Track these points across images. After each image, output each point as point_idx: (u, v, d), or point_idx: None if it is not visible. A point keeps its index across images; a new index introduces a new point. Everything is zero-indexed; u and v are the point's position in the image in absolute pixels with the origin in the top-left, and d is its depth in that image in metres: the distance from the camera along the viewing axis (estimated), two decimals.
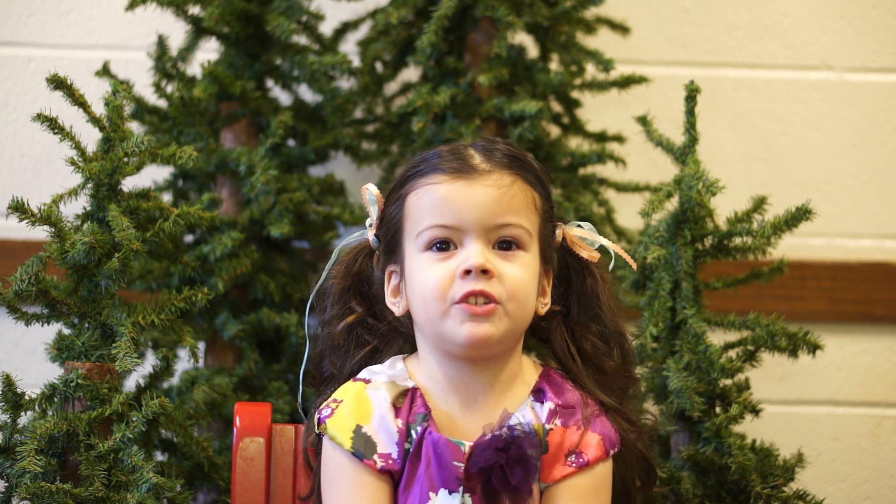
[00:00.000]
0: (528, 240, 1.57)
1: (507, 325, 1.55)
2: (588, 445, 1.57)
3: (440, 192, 1.57)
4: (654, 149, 2.04)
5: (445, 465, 1.55)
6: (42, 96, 2.43)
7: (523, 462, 1.54)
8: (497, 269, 1.54)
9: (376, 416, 1.58)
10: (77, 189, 1.86)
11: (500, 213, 1.55)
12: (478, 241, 1.55)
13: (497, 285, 1.54)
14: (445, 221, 1.56)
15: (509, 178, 1.57)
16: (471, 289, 1.53)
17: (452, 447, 1.56)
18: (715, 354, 1.90)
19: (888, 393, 2.51)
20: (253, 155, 2.22)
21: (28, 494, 1.72)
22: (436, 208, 1.57)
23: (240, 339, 2.22)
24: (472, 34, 2.30)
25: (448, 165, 1.58)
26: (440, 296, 1.54)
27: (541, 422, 1.58)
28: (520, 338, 1.61)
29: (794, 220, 1.92)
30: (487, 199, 1.56)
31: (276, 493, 1.72)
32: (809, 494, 1.92)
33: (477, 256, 1.53)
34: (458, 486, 1.54)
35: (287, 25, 2.22)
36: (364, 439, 1.58)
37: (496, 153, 1.60)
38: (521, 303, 1.55)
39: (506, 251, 1.56)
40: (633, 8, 2.51)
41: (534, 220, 1.59)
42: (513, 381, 1.61)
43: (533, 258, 1.58)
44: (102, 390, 1.80)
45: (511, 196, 1.56)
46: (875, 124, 2.54)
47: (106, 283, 1.82)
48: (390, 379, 1.61)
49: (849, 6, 2.55)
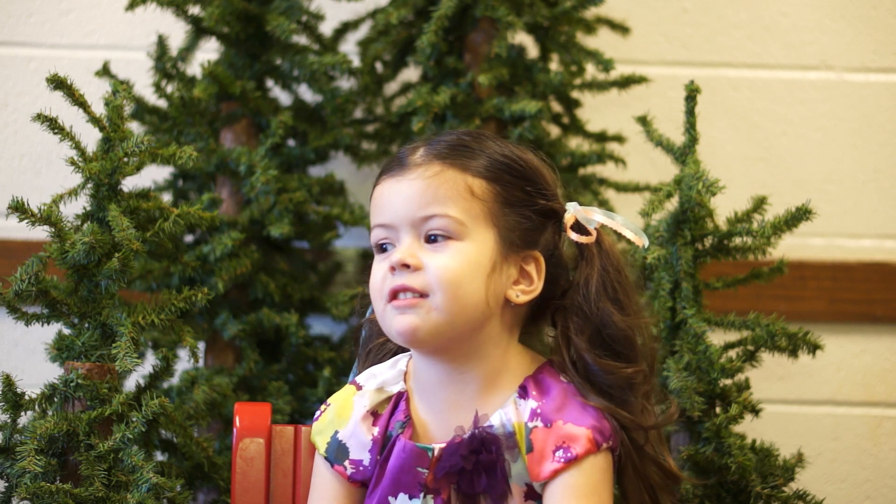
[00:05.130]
0: (459, 228, 1.53)
1: (438, 317, 1.52)
2: (575, 439, 1.53)
3: (377, 192, 1.58)
4: (654, 149, 2.04)
5: (408, 470, 1.55)
6: (42, 96, 2.43)
7: (491, 467, 1.52)
8: (422, 261, 1.53)
9: (352, 422, 1.60)
10: (77, 189, 1.86)
11: (423, 204, 1.54)
12: (407, 235, 1.54)
13: (420, 277, 1.52)
14: (381, 220, 1.57)
15: (437, 168, 1.55)
16: (394, 285, 1.53)
17: (419, 453, 1.55)
18: (715, 354, 1.90)
19: (888, 393, 2.51)
20: (253, 155, 2.22)
21: (28, 494, 1.73)
22: (375, 209, 1.58)
23: (240, 339, 2.22)
24: (472, 34, 2.30)
25: (391, 163, 1.59)
26: (379, 295, 1.55)
27: (522, 420, 1.54)
28: (475, 331, 1.55)
29: (794, 220, 1.92)
30: (411, 192, 1.54)
31: (276, 493, 1.72)
32: (809, 494, 1.92)
33: (398, 252, 1.53)
34: (419, 492, 1.55)
35: (287, 25, 2.22)
36: (337, 445, 1.60)
37: (440, 144, 1.58)
38: (452, 293, 1.52)
39: (435, 241, 1.54)
40: (633, 8, 2.52)
41: (469, 206, 1.54)
42: (496, 381, 1.57)
43: (473, 246, 1.54)
44: (102, 390, 1.80)
45: (436, 186, 1.54)
46: (875, 124, 2.54)
47: (106, 283, 1.82)
48: (379, 385, 1.62)
49: (849, 6, 2.55)
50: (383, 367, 1.65)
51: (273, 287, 2.25)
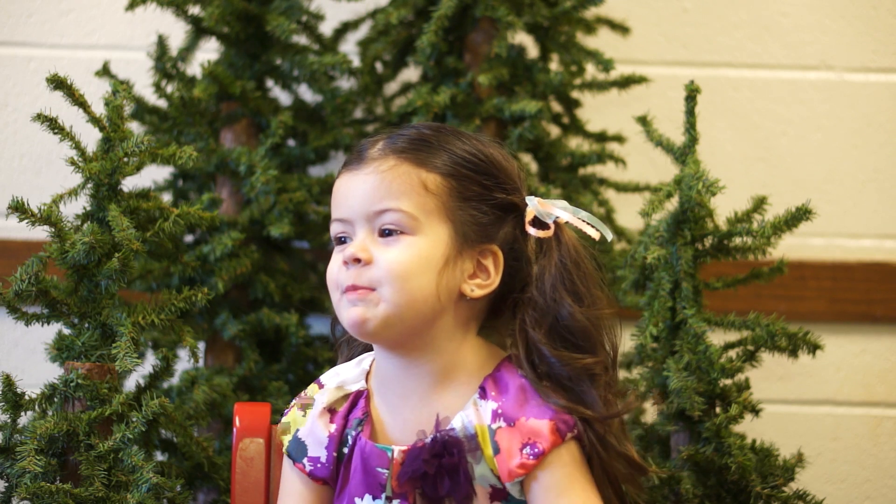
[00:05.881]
0: (410, 223, 1.54)
1: (387, 309, 1.52)
2: (539, 434, 1.52)
3: (336, 186, 1.59)
4: (654, 149, 2.04)
5: (370, 470, 1.56)
6: (42, 96, 2.43)
7: (454, 470, 1.52)
8: (373, 255, 1.53)
9: (310, 419, 1.61)
10: (77, 189, 1.86)
11: (376, 199, 1.54)
12: (361, 230, 1.55)
13: (371, 271, 1.53)
14: (338, 215, 1.57)
15: (392, 162, 1.55)
16: (347, 282, 1.54)
17: (378, 453, 1.56)
18: (715, 354, 1.90)
19: (888, 393, 2.51)
20: (253, 155, 2.22)
21: (28, 494, 1.73)
22: (333, 203, 1.59)
23: (240, 339, 2.22)
24: (472, 34, 2.30)
25: (350, 157, 1.59)
26: (335, 286, 1.56)
27: (484, 422, 1.54)
28: (428, 324, 1.55)
29: (794, 220, 1.92)
30: (365, 186, 1.55)
31: (276, 493, 1.72)
32: (809, 494, 1.92)
33: (351, 246, 1.54)
34: (381, 493, 1.55)
35: (287, 25, 2.22)
36: (297, 442, 1.62)
37: (399, 139, 1.58)
38: (400, 286, 1.52)
39: (388, 234, 1.54)
40: (633, 8, 2.52)
41: (422, 201, 1.54)
42: (450, 375, 1.57)
43: (425, 241, 1.54)
44: (102, 390, 1.80)
45: (389, 180, 1.54)
46: (875, 124, 2.54)
47: (106, 283, 1.82)
48: (340, 383, 1.63)
49: (849, 6, 2.55)
50: (348, 365, 1.66)
51: (273, 287, 2.26)
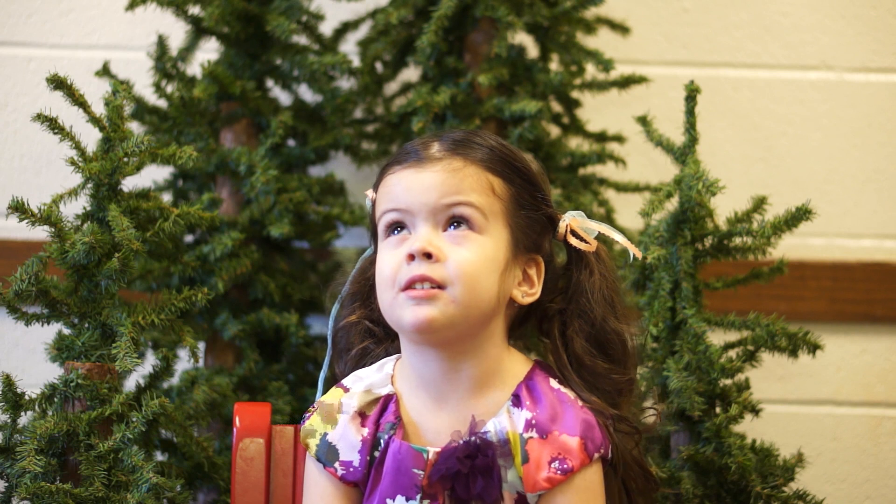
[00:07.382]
0: (481, 220, 1.55)
1: (455, 310, 1.52)
2: (569, 451, 1.54)
3: (391, 181, 1.59)
4: (654, 149, 2.04)
5: (405, 472, 1.55)
6: (42, 96, 2.43)
7: (487, 471, 1.53)
8: (443, 252, 1.53)
9: (341, 424, 1.60)
10: (77, 189, 1.86)
11: (447, 192, 1.55)
12: (425, 224, 1.55)
13: (441, 269, 1.52)
14: (396, 205, 1.57)
15: (460, 163, 1.57)
16: (412, 275, 1.53)
17: (414, 454, 1.56)
18: (715, 354, 1.90)
19: (888, 393, 2.51)
20: (253, 155, 2.22)
21: (28, 494, 1.73)
22: (390, 194, 1.58)
23: (240, 339, 2.22)
24: (472, 34, 2.30)
25: (406, 156, 1.59)
26: (391, 283, 1.55)
27: (517, 430, 1.55)
28: (482, 326, 1.57)
29: (794, 220, 1.92)
30: (434, 181, 1.56)
31: (276, 493, 1.72)
32: (809, 494, 1.92)
33: (419, 240, 1.53)
34: (416, 494, 1.55)
35: (287, 25, 2.22)
36: (328, 446, 1.60)
37: (463, 143, 1.59)
38: (470, 286, 1.53)
39: (456, 230, 1.54)
40: (633, 8, 2.52)
41: (490, 202, 1.56)
42: (489, 381, 1.58)
43: (491, 242, 1.55)
44: (102, 390, 1.80)
45: (461, 177, 1.56)
46: (875, 124, 2.54)
47: (106, 283, 1.82)
48: (367, 387, 1.62)
49: (849, 6, 2.55)
50: (370, 370, 1.65)
51: (273, 287, 2.26)
